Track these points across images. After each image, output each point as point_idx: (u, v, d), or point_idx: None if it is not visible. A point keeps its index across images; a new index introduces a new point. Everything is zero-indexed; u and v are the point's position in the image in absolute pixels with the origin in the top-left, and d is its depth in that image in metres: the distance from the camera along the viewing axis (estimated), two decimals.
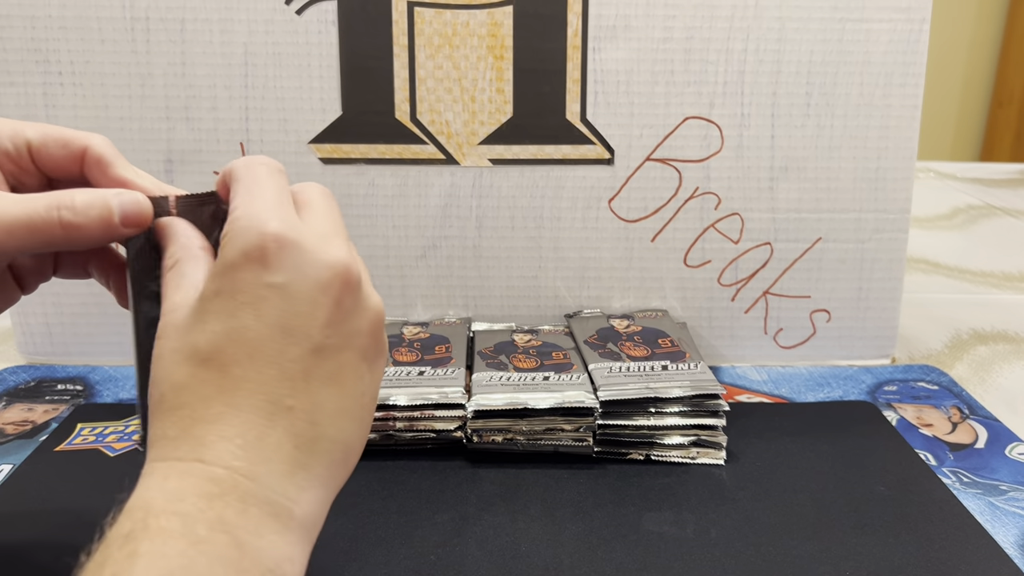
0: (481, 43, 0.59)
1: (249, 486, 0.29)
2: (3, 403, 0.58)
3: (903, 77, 0.61)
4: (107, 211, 0.34)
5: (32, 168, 0.37)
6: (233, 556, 0.27)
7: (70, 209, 0.33)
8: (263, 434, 0.30)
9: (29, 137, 0.36)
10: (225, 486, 0.28)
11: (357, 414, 0.33)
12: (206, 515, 0.27)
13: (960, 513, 0.47)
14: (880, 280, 0.64)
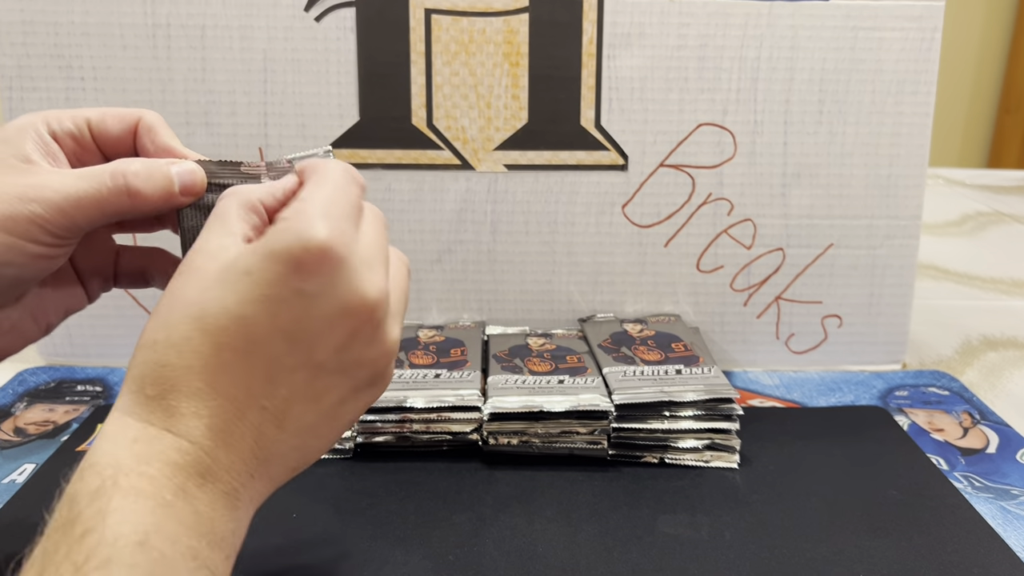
0: (497, 50, 0.60)
1: (209, 464, 0.29)
2: (25, 403, 0.59)
3: (915, 85, 0.61)
4: (168, 180, 0.36)
5: (92, 146, 0.39)
6: (193, 522, 0.28)
7: (136, 175, 0.35)
8: (231, 422, 0.30)
9: (88, 116, 0.39)
10: (189, 459, 0.29)
11: (325, 433, 0.33)
12: (172, 481, 0.28)
13: (972, 517, 0.47)
14: (891, 286, 0.65)
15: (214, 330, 0.30)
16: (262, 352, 0.30)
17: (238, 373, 0.30)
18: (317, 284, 0.30)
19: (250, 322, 0.30)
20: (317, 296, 0.31)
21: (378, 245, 0.33)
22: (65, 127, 0.38)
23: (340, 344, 0.32)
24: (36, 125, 0.37)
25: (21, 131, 0.37)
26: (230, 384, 0.30)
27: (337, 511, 0.47)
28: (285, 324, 0.30)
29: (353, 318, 0.32)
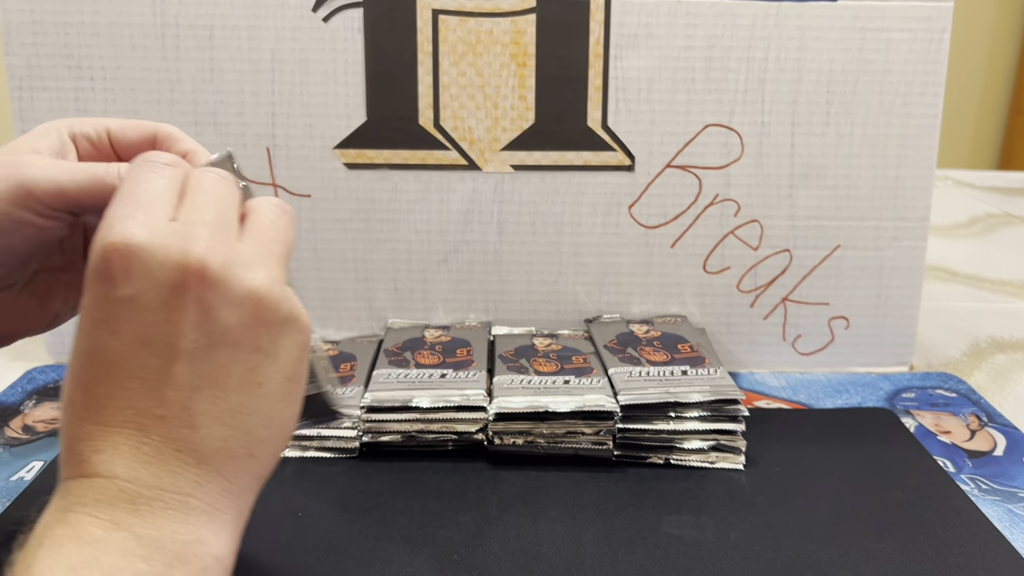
0: (504, 50, 0.60)
1: (134, 489, 0.29)
2: (33, 401, 0.59)
3: (923, 86, 0.61)
4: None
5: (111, 153, 0.40)
6: (132, 547, 0.28)
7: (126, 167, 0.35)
8: (138, 444, 0.30)
9: (109, 125, 0.40)
10: (109, 492, 0.29)
11: (256, 407, 0.32)
12: (97, 519, 0.28)
13: (979, 520, 0.47)
14: (899, 288, 0.65)
15: (79, 376, 0.30)
16: (125, 369, 0.30)
17: (116, 399, 0.30)
18: (131, 283, 0.30)
19: (99, 351, 0.30)
20: (139, 293, 0.30)
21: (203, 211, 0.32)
22: (84, 131, 0.40)
23: (194, 321, 0.30)
24: (58, 127, 0.39)
25: (43, 131, 0.39)
26: (116, 412, 0.30)
27: (342, 510, 0.47)
28: (130, 333, 0.29)
29: (186, 290, 0.30)
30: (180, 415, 0.30)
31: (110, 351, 0.29)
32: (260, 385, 0.32)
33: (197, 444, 0.30)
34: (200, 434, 0.30)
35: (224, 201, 0.33)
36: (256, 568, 0.31)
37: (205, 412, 0.30)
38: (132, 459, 0.29)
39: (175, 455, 0.30)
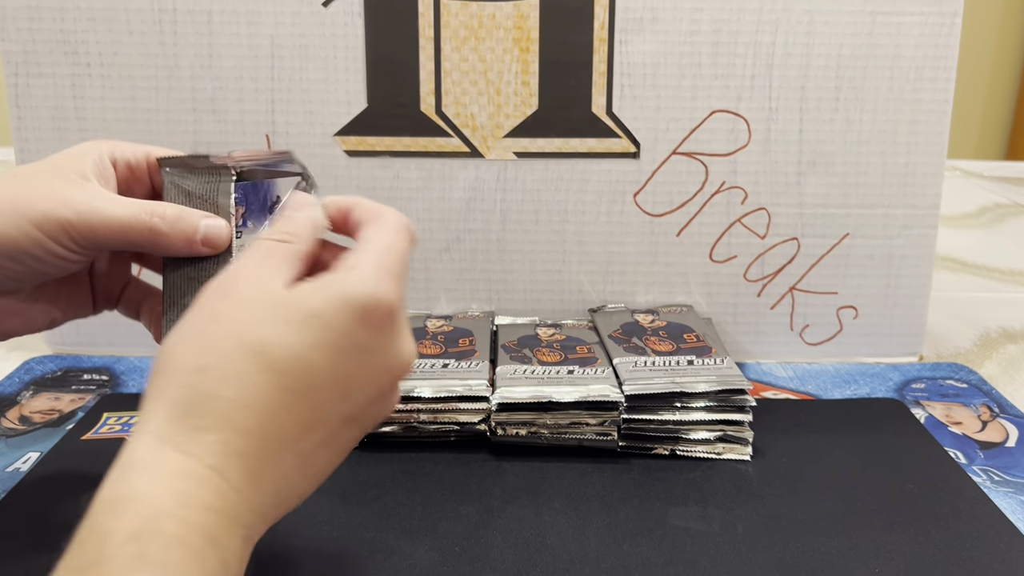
0: (507, 35, 0.59)
1: (240, 510, 0.29)
2: (31, 392, 0.58)
3: (934, 72, 0.60)
4: (192, 229, 0.38)
5: (146, 179, 0.42)
6: (217, 571, 0.27)
7: (162, 218, 0.38)
8: (268, 464, 0.30)
9: (148, 150, 0.41)
10: (226, 504, 0.28)
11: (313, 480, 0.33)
12: (207, 529, 0.27)
13: (991, 512, 0.46)
14: (908, 277, 0.64)
15: (277, 370, 0.30)
16: (316, 398, 0.30)
17: (287, 417, 0.30)
18: (375, 339, 0.31)
19: (314, 367, 0.30)
20: (371, 351, 0.31)
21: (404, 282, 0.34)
22: (124, 155, 0.41)
23: (372, 397, 0.33)
24: (101, 150, 0.41)
25: (87, 151, 0.40)
26: (280, 427, 0.30)
27: (343, 501, 0.46)
28: (340, 373, 0.31)
29: (392, 376, 0.33)
30: (306, 460, 0.31)
31: (321, 374, 0.30)
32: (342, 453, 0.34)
33: (290, 491, 0.31)
34: (299, 484, 0.32)
35: None
36: (255, 560, 0.30)
37: (314, 467, 0.32)
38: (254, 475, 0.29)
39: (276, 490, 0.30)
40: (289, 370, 0.30)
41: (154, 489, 0.27)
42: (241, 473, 0.29)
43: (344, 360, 0.31)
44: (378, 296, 0.31)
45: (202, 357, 0.30)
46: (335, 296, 0.31)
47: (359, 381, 0.32)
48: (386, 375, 0.33)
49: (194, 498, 0.27)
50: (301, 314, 0.30)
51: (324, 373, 0.30)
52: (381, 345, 0.32)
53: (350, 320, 0.30)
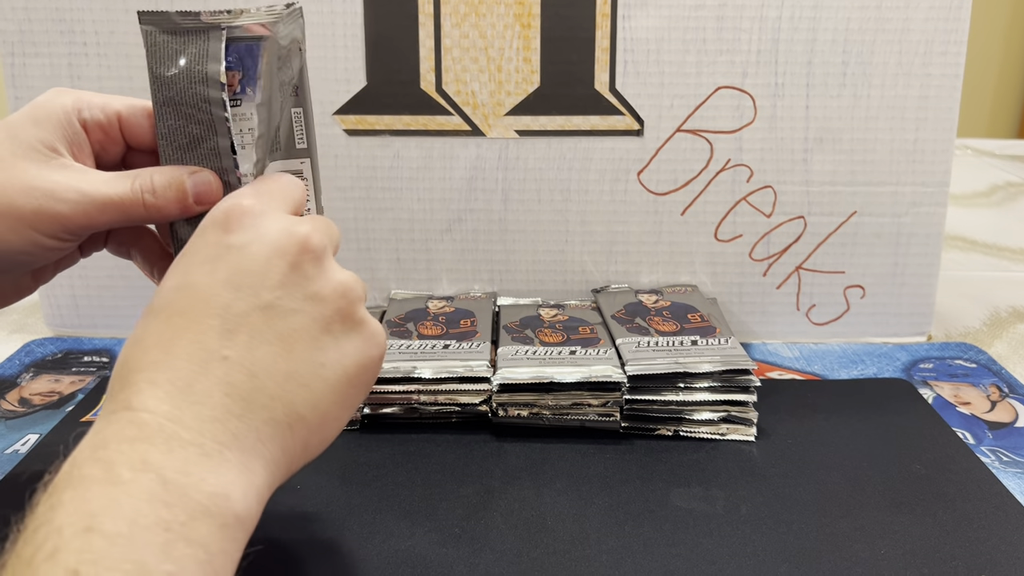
0: (508, 11, 0.58)
1: (174, 428, 0.29)
2: (31, 374, 0.58)
3: (944, 45, 0.59)
4: (183, 192, 0.38)
5: (119, 138, 0.40)
6: (158, 491, 0.27)
7: (151, 192, 0.37)
8: (193, 381, 0.30)
9: (118, 108, 0.40)
10: (148, 429, 0.28)
11: (311, 383, 0.32)
12: (128, 457, 0.27)
13: (999, 492, 0.46)
14: (917, 255, 0.63)
15: (159, 307, 0.32)
16: (209, 306, 0.31)
17: (191, 332, 0.31)
18: (244, 234, 0.33)
19: (191, 287, 0.32)
20: (247, 243, 0.33)
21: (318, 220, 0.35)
22: (95, 117, 0.39)
23: (283, 279, 0.33)
24: (67, 110, 0.38)
25: (51, 115, 0.38)
26: (187, 345, 0.30)
27: (343, 483, 0.46)
28: (224, 276, 0.32)
29: (288, 252, 0.33)
30: (245, 360, 0.31)
31: (201, 288, 0.32)
32: (322, 366, 0.33)
33: (249, 396, 0.31)
34: (255, 384, 0.31)
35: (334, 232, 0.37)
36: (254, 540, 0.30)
37: (267, 367, 0.31)
38: (181, 397, 0.29)
39: (223, 400, 0.30)
40: (168, 301, 0.32)
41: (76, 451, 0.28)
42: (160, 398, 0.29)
43: (221, 265, 0.32)
44: (229, 206, 0.34)
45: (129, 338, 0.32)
46: (200, 228, 0.34)
47: (250, 272, 0.32)
48: (278, 255, 0.33)
49: (109, 438, 0.28)
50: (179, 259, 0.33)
51: (204, 285, 0.32)
52: (255, 235, 0.33)
53: (211, 235, 0.33)
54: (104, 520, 0.25)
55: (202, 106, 0.37)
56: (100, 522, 0.25)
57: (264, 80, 0.38)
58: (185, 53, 0.37)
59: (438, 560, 0.40)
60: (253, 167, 0.38)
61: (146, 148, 0.40)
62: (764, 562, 0.40)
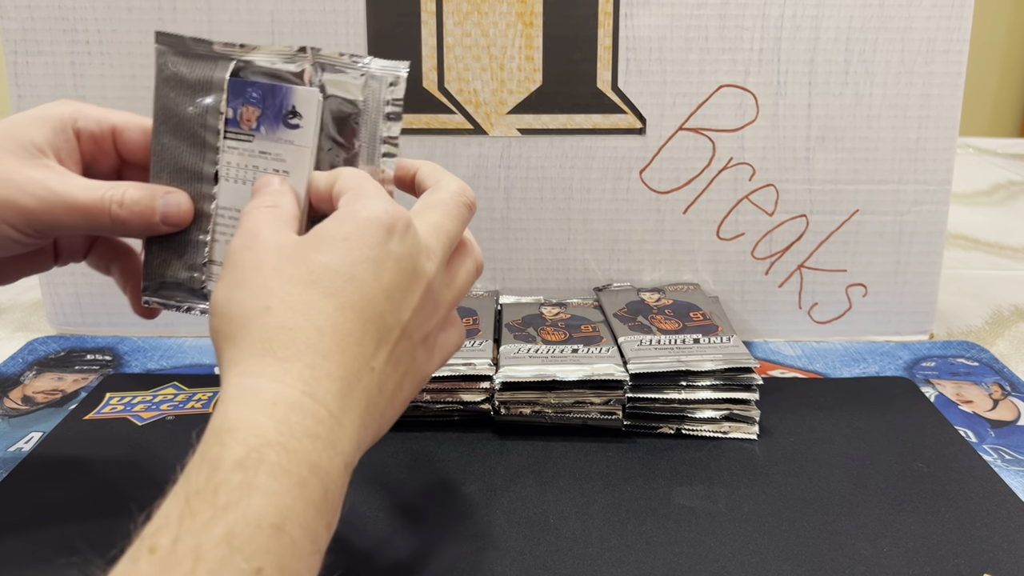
0: (510, 9, 0.58)
1: (339, 435, 0.29)
2: (34, 372, 0.58)
3: (946, 43, 0.59)
4: (150, 211, 0.38)
5: (112, 151, 0.41)
6: (320, 503, 0.27)
7: (119, 204, 0.38)
8: (353, 384, 0.30)
9: (114, 122, 0.40)
10: (324, 429, 0.29)
11: (399, 408, 0.34)
12: (309, 457, 0.28)
13: (1002, 491, 0.46)
14: (919, 254, 0.63)
15: (333, 292, 0.31)
16: (373, 311, 0.32)
17: (358, 333, 0.31)
18: (404, 247, 0.33)
19: (361, 281, 0.31)
20: (403, 258, 0.33)
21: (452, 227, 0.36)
22: (89, 128, 0.40)
23: (419, 305, 0.34)
24: (63, 118, 0.39)
25: (47, 120, 0.39)
26: (353, 345, 0.31)
27: None
28: (386, 283, 0.32)
29: (431, 280, 0.34)
30: (381, 374, 0.32)
31: (369, 286, 0.32)
32: (396, 396, 0.34)
33: (373, 409, 0.32)
34: (378, 400, 0.32)
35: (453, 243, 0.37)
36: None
37: (389, 386, 0.33)
38: (344, 400, 0.30)
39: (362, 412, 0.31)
40: (342, 289, 0.31)
41: (256, 417, 0.28)
42: (333, 395, 0.29)
43: (384, 269, 0.32)
44: (392, 211, 0.33)
45: (262, 299, 0.31)
46: (358, 219, 0.33)
47: (402, 289, 0.33)
48: (421, 281, 0.33)
49: (296, 425, 0.28)
50: (335, 242, 0.32)
51: (371, 284, 0.32)
52: (409, 251, 0.33)
53: (376, 233, 0.32)
54: (290, 523, 0.26)
55: (198, 131, 0.39)
56: (287, 525, 0.26)
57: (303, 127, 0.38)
58: (192, 78, 0.39)
59: (441, 558, 0.40)
60: (237, 202, 0.39)
61: (140, 163, 0.40)
62: (766, 560, 0.40)
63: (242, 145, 0.39)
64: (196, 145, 0.39)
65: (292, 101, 0.38)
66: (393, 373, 0.33)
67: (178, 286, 0.40)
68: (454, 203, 0.37)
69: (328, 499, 0.28)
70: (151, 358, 0.60)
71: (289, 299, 0.30)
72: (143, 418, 0.52)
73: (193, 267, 0.40)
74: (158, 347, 0.62)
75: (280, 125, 0.38)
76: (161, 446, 0.49)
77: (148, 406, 0.53)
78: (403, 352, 0.33)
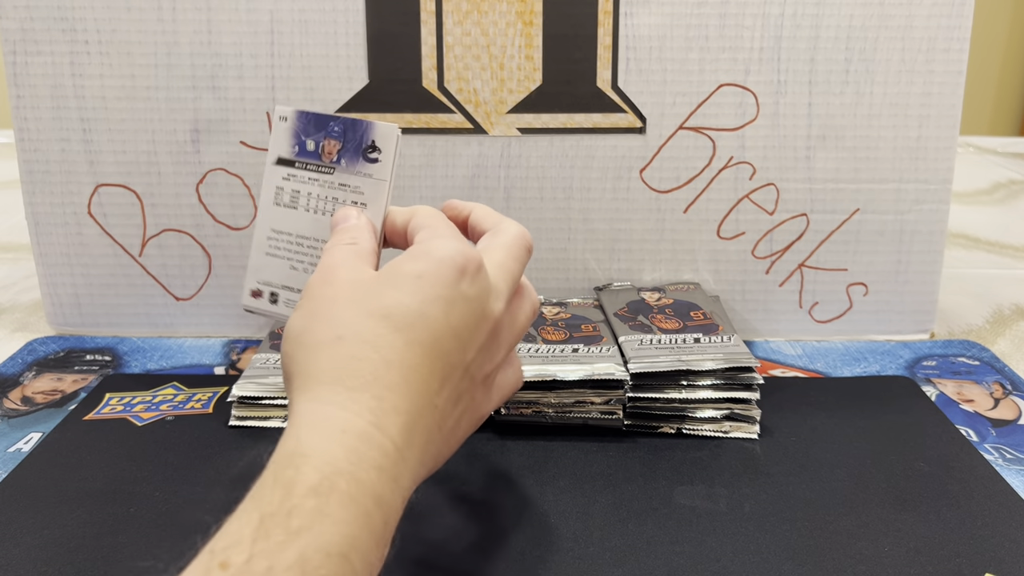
0: (510, 8, 0.58)
1: (402, 468, 0.30)
2: (33, 373, 0.58)
3: (947, 42, 0.59)
4: None
5: None
6: (380, 535, 0.28)
7: None
8: (416, 420, 0.31)
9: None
10: (389, 461, 0.29)
11: (463, 436, 0.36)
12: (375, 489, 0.28)
13: (1003, 490, 0.45)
14: (920, 253, 0.63)
15: (403, 327, 0.32)
16: (440, 349, 0.32)
17: (424, 370, 0.32)
18: (474, 288, 0.34)
19: (431, 319, 0.32)
20: (472, 299, 0.33)
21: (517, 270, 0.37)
22: None
23: (483, 345, 0.34)
24: None
25: None
26: (419, 381, 0.31)
27: None
28: (455, 322, 0.33)
29: (497, 324, 0.35)
30: (443, 411, 0.33)
31: (439, 325, 0.32)
32: (482, 420, 0.36)
33: (432, 446, 0.32)
34: (438, 437, 0.33)
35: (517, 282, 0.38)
36: None
37: (448, 424, 0.34)
38: (408, 435, 0.30)
39: (422, 448, 0.31)
40: (412, 325, 0.32)
41: (328, 446, 0.28)
42: (398, 429, 0.30)
43: (455, 309, 0.33)
44: (465, 252, 0.34)
45: (335, 329, 0.31)
46: (432, 258, 0.33)
47: (470, 328, 0.33)
48: (489, 323, 0.34)
49: (365, 457, 0.28)
50: (409, 279, 0.33)
51: (441, 322, 0.32)
52: (482, 293, 0.34)
53: (449, 273, 0.33)
54: (354, 553, 0.26)
55: None
56: (351, 555, 0.26)
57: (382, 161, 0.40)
58: None
59: (440, 558, 0.40)
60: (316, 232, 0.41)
61: None
62: (768, 560, 0.40)
63: (323, 177, 0.40)
64: None
65: (372, 136, 0.40)
66: (453, 411, 0.34)
67: None
68: (517, 245, 0.38)
69: (386, 531, 0.29)
70: (151, 358, 0.60)
71: (361, 331, 0.31)
72: (143, 418, 0.52)
73: None
74: (157, 347, 0.62)
75: (360, 159, 0.39)
76: (161, 447, 0.49)
77: (148, 406, 0.53)
78: (464, 390, 0.34)
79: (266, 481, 0.27)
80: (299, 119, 0.41)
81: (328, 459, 0.28)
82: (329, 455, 0.28)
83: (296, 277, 0.41)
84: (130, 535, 0.41)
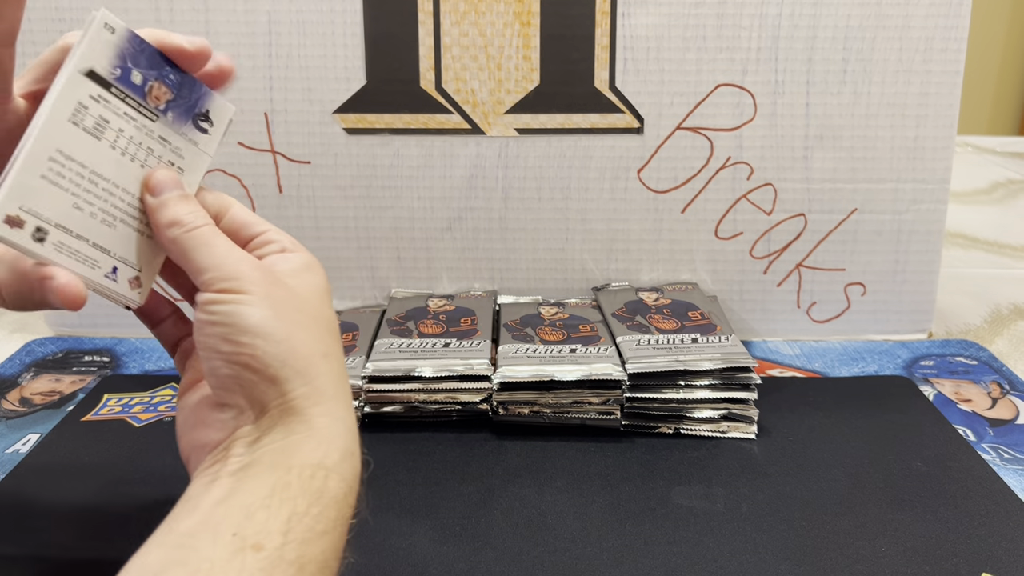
0: (508, 9, 0.58)
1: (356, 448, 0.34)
2: (31, 374, 0.58)
3: (944, 42, 0.59)
4: None
5: None
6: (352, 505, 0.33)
7: None
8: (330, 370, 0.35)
9: None
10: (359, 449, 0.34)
11: None
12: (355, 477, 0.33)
13: (1000, 489, 0.45)
14: (917, 252, 0.63)
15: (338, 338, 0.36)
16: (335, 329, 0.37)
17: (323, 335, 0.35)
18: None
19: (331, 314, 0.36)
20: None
21: None
22: None
23: None
24: None
25: None
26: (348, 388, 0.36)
27: None
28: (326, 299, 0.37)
29: None
30: None
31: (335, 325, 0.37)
32: None
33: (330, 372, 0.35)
34: None
35: None
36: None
37: None
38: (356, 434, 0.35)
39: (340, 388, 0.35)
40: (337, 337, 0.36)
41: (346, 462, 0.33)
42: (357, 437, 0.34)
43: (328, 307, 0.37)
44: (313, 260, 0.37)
45: (319, 346, 0.34)
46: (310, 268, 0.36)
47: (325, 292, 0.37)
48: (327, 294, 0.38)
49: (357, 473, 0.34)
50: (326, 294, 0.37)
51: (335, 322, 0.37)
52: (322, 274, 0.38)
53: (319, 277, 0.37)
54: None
55: None
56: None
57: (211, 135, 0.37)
58: None
59: (439, 558, 0.40)
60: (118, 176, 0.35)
61: None
62: (765, 560, 0.40)
63: (142, 120, 0.35)
64: None
65: (208, 105, 0.37)
66: None
67: None
68: None
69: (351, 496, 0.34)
70: (149, 359, 0.60)
71: (336, 350, 0.35)
72: (141, 419, 0.52)
73: None
74: (156, 348, 0.62)
75: (189, 121, 0.36)
76: (159, 447, 0.49)
77: (146, 407, 0.53)
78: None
79: (294, 486, 0.30)
80: (131, 42, 0.35)
81: (346, 476, 0.33)
82: (348, 472, 0.33)
83: (80, 221, 0.34)
84: (129, 536, 0.41)
